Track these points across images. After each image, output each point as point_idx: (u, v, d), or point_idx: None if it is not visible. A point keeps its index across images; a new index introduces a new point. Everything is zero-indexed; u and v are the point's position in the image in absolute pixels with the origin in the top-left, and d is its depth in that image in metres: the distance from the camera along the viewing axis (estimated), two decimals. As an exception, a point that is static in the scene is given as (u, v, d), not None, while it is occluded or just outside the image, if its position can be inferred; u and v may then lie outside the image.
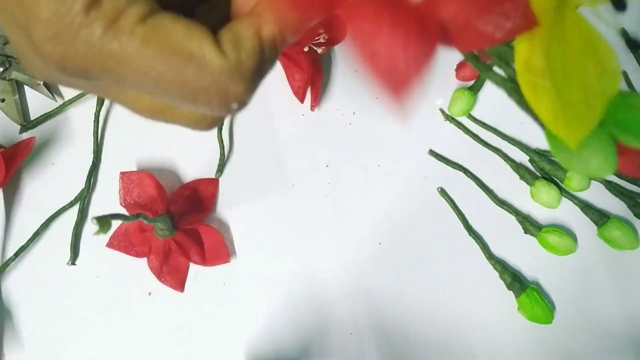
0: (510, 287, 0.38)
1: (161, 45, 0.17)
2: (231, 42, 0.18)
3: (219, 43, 0.18)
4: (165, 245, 0.38)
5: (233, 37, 0.18)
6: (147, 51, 0.17)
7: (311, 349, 0.38)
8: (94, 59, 0.17)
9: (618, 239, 0.38)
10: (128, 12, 0.17)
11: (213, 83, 0.18)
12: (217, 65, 0.17)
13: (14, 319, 0.40)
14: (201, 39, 0.17)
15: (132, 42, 0.17)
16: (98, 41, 0.17)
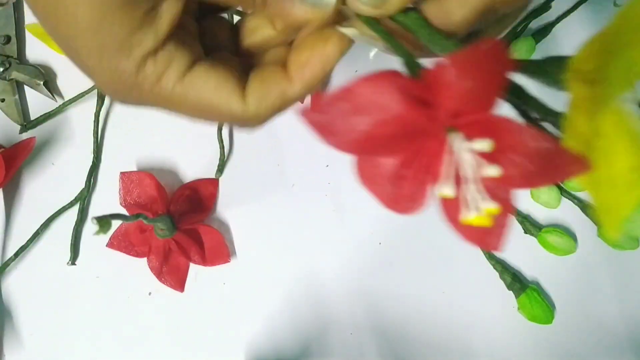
0: (510, 287, 0.38)
1: (195, 100, 0.21)
2: (257, 97, 0.21)
3: (246, 93, 0.21)
4: (165, 245, 0.38)
5: (261, 93, 0.21)
6: (186, 102, 0.21)
7: (311, 349, 0.38)
8: (146, 102, 0.22)
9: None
10: (171, 69, 0.20)
11: (232, 122, 0.22)
12: (237, 114, 0.21)
13: (14, 319, 0.40)
14: (229, 93, 0.21)
15: (174, 97, 0.21)
16: (147, 92, 0.21)
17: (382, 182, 0.18)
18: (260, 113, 0.21)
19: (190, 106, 0.21)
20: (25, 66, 0.42)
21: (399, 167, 0.18)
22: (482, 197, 0.17)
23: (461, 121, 0.16)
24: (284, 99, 0.22)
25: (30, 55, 0.44)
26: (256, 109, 0.21)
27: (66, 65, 0.43)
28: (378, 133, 0.16)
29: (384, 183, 0.18)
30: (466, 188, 0.17)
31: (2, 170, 0.38)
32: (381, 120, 0.16)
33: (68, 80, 0.43)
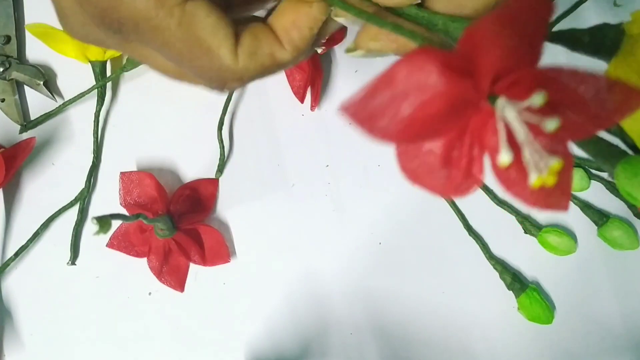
0: (510, 287, 0.38)
1: (189, 32, 0.20)
2: (247, 52, 0.21)
3: (237, 45, 0.21)
4: (165, 245, 0.38)
5: (251, 48, 0.21)
6: (177, 32, 0.20)
7: (311, 349, 0.38)
8: (133, 18, 0.20)
9: (618, 239, 0.38)
10: None
11: (218, 74, 0.21)
12: (226, 64, 0.21)
13: (14, 319, 0.40)
14: (223, 38, 0.20)
15: (168, 20, 0.20)
16: (140, 6, 0.19)
17: (431, 170, 0.18)
18: (248, 69, 0.21)
19: (181, 38, 0.20)
20: (25, 66, 0.42)
21: (447, 149, 0.17)
22: (542, 155, 0.16)
23: (505, 83, 0.16)
24: (273, 61, 0.21)
25: (30, 55, 0.44)
26: (245, 65, 0.21)
27: (66, 65, 0.43)
28: (423, 115, 0.16)
29: (433, 170, 0.18)
30: (524, 151, 0.16)
31: (2, 170, 0.38)
32: (425, 101, 0.16)
33: (68, 80, 0.43)
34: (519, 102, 0.16)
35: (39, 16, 0.42)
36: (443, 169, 0.18)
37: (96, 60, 0.41)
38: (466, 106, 0.16)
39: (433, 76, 0.15)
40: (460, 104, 0.16)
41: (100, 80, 0.41)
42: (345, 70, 0.42)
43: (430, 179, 0.18)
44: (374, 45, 0.21)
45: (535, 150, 0.16)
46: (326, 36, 0.23)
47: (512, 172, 0.17)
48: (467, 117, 0.17)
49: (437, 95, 0.15)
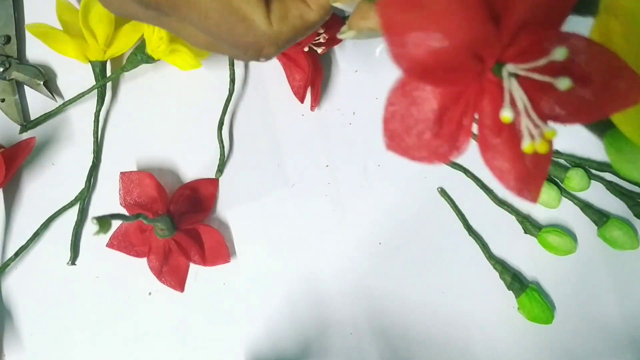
0: (510, 287, 0.38)
1: (224, 2, 0.21)
2: (278, 16, 0.22)
3: (269, 11, 0.22)
4: (165, 245, 0.38)
5: (281, 12, 0.22)
6: (212, 4, 0.21)
7: (311, 349, 0.38)
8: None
9: (618, 239, 0.38)
10: None
11: (254, 41, 0.22)
12: (261, 30, 0.22)
13: (14, 319, 0.40)
14: (256, 5, 0.22)
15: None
16: None
17: (416, 129, 0.18)
18: (282, 32, 0.22)
19: (216, 9, 0.21)
20: (25, 66, 0.42)
21: (441, 110, 0.18)
22: (538, 123, 0.17)
23: (523, 45, 0.16)
24: (303, 22, 0.23)
25: (30, 55, 0.44)
26: (279, 29, 0.22)
27: (66, 65, 0.43)
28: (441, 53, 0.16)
29: (419, 130, 0.18)
30: (522, 117, 0.17)
31: (2, 170, 0.38)
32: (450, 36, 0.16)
33: (68, 80, 0.43)
34: (530, 62, 0.16)
35: (39, 16, 0.42)
36: (429, 129, 0.18)
37: (96, 60, 0.41)
38: (472, 63, 0.17)
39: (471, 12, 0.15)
40: (469, 54, 0.16)
41: (100, 80, 0.41)
42: (345, 70, 0.42)
43: (412, 139, 0.18)
44: (364, 24, 0.22)
45: (532, 116, 0.17)
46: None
47: (495, 147, 0.18)
48: (468, 80, 0.17)
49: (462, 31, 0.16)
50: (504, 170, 0.18)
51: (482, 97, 0.17)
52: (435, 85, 0.17)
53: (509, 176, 0.18)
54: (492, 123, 0.17)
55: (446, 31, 0.16)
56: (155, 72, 0.43)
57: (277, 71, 0.41)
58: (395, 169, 0.40)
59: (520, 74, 0.16)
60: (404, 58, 0.16)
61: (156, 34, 0.38)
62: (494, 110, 0.17)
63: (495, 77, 0.17)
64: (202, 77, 0.42)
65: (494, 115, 0.17)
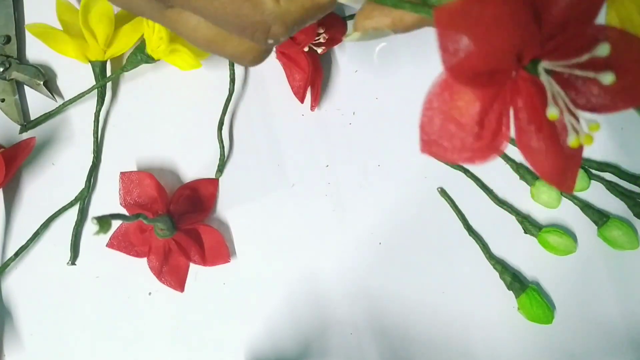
0: (510, 287, 0.38)
1: None
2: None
3: None
4: (165, 245, 0.38)
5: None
6: None
7: (311, 349, 0.38)
8: None
9: (618, 239, 0.38)
10: None
11: (261, 21, 0.22)
12: (269, 8, 0.21)
13: (14, 319, 0.40)
14: None
15: None
16: None
17: (456, 132, 0.18)
18: (290, 11, 0.22)
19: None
20: (25, 66, 0.42)
21: (482, 111, 0.18)
22: (580, 117, 0.17)
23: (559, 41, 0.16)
24: (313, 3, 0.22)
25: (30, 55, 0.44)
26: (287, 7, 0.22)
27: (66, 65, 0.43)
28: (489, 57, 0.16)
29: (459, 133, 0.18)
30: (564, 113, 0.17)
31: (2, 170, 0.38)
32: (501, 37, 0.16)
33: (68, 80, 0.43)
34: (569, 58, 0.16)
35: (39, 16, 0.42)
36: (471, 132, 0.18)
37: (96, 60, 0.41)
38: (512, 62, 0.17)
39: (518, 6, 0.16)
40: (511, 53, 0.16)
41: (100, 80, 0.41)
42: (345, 70, 0.42)
43: (453, 142, 0.18)
44: (369, 24, 0.22)
45: (573, 112, 0.17)
46: None
47: (534, 142, 0.18)
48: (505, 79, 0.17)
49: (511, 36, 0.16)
50: (545, 165, 0.18)
51: (518, 95, 0.18)
52: (479, 88, 0.18)
53: (550, 170, 0.18)
54: (530, 120, 0.18)
55: (496, 37, 0.16)
56: (155, 72, 0.43)
57: (277, 71, 0.41)
58: (395, 169, 0.40)
59: (559, 70, 0.17)
60: (456, 65, 0.16)
61: (156, 34, 0.38)
62: (531, 107, 0.17)
63: (528, 74, 0.17)
64: (202, 77, 0.42)
65: (532, 113, 0.18)
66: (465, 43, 0.16)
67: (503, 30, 0.16)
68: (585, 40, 0.16)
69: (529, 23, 0.16)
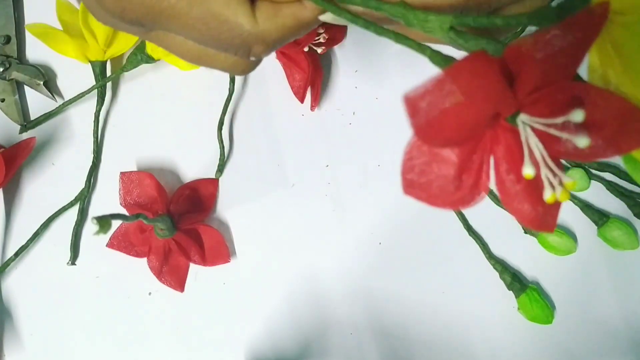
0: (510, 287, 0.38)
1: (203, 9, 0.21)
2: (266, 14, 0.22)
3: (254, 9, 0.21)
4: (165, 245, 0.38)
5: (270, 11, 0.22)
6: (192, 13, 0.21)
7: (311, 349, 0.38)
8: (148, 14, 0.22)
9: (618, 239, 0.38)
10: None
11: (241, 43, 0.22)
12: (246, 30, 0.21)
13: (14, 319, 0.40)
14: (237, 6, 0.21)
15: (180, 4, 0.21)
16: (150, 2, 0.21)
17: (437, 180, 0.18)
18: (270, 31, 0.22)
19: (197, 17, 0.21)
20: (25, 66, 0.42)
21: (461, 163, 0.18)
22: (557, 173, 0.17)
23: (541, 95, 0.16)
24: (296, 21, 0.22)
25: (30, 55, 0.44)
26: (266, 27, 0.22)
27: (66, 65, 0.43)
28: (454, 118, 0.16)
29: (440, 181, 0.18)
30: (541, 168, 0.17)
31: (2, 170, 0.38)
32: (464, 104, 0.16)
33: (68, 80, 0.43)
34: (548, 118, 0.17)
35: (39, 16, 0.42)
36: (450, 183, 0.18)
37: (96, 60, 0.41)
38: (488, 120, 0.17)
39: (490, 79, 0.16)
40: (486, 116, 0.17)
41: (100, 80, 0.41)
42: (345, 70, 0.42)
43: (433, 190, 0.19)
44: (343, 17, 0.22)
45: (551, 168, 0.17)
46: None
47: (514, 191, 0.18)
48: (483, 131, 0.18)
49: (479, 99, 0.16)
50: (524, 212, 0.18)
51: (498, 144, 0.18)
52: (454, 147, 0.18)
53: (530, 217, 0.18)
54: (509, 170, 0.18)
55: (470, 102, 0.16)
56: (155, 72, 0.43)
57: (277, 71, 0.41)
58: (395, 169, 0.40)
59: (535, 127, 0.17)
60: (425, 127, 0.17)
61: (156, 34, 0.38)
62: (510, 158, 0.18)
63: (508, 124, 0.17)
64: (202, 77, 0.42)
65: (511, 163, 0.18)
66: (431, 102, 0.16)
67: (477, 96, 0.16)
68: (565, 97, 0.16)
69: (503, 88, 0.16)
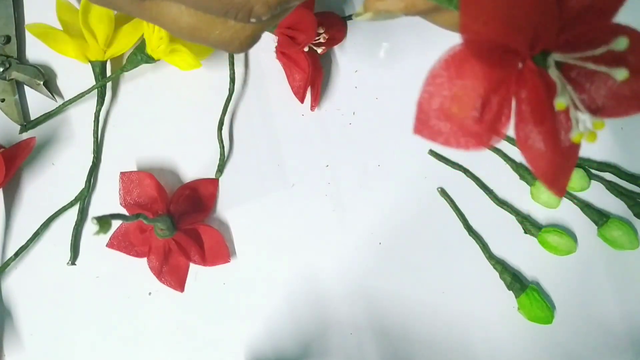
0: (510, 287, 0.38)
1: None
2: None
3: None
4: (165, 245, 0.38)
5: None
6: None
7: (311, 349, 0.38)
8: None
9: (618, 239, 0.38)
10: None
11: (243, 1, 0.21)
12: None
13: (14, 319, 0.40)
14: None
15: None
16: None
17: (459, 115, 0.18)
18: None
19: None
20: (25, 66, 0.42)
21: (485, 94, 0.17)
22: (586, 114, 0.17)
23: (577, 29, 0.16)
24: None
25: (30, 55, 0.44)
26: None
27: (66, 65, 0.43)
28: (499, 29, 0.16)
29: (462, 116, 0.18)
30: (570, 108, 0.17)
31: (2, 170, 0.38)
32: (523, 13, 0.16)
33: (68, 80, 0.43)
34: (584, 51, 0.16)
35: (39, 16, 0.42)
36: (471, 115, 0.18)
37: (96, 60, 0.41)
38: (513, 58, 0.17)
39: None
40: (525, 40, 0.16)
41: (100, 80, 0.41)
42: (345, 70, 0.42)
43: (450, 124, 0.18)
44: (381, 5, 0.21)
45: (579, 106, 0.17)
46: None
47: (533, 136, 0.18)
48: (512, 66, 0.17)
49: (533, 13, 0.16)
50: (540, 161, 0.18)
51: (523, 86, 0.17)
52: (487, 66, 0.17)
53: (545, 167, 0.18)
54: (532, 112, 0.17)
55: (518, 11, 0.16)
56: (155, 72, 0.43)
57: (277, 71, 0.41)
58: (395, 169, 0.40)
59: (571, 63, 0.17)
60: (474, 33, 0.16)
61: (156, 34, 0.38)
62: (535, 99, 0.17)
63: (536, 66, 0.17)
64: (202, 77, 0.42)
65: (535, 105, 0.17)
66: (486, 13, 0.16)
67: (525, 7, 0.16)
68: (601, 36, 0.16)
69: (550, 7, 0.16)
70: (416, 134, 0.18)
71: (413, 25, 0.41)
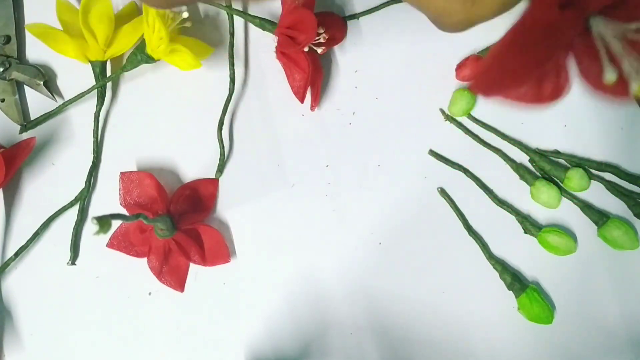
0: (510, 287, 0.38)
1: None
2: None
3: None
4: (165, 245, 0.38)
5: None
6: None
7: (311, 349, 0.38)
8: None
9: (618, 239, 0.38)
10: None
11: None
12: None
13: (14, 319, 0.40)
14: None
15: None
16: None
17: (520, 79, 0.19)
18: None
19: None
20: (25, 66, 0.42)
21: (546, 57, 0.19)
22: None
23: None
24: None
25: (30, 55, 0.44)
26: None
27: (66, 65, 0.43)
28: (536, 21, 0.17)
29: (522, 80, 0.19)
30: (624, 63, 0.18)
31: (2, 170, 0.38)
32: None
33: (68, 80, 0.43)
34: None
35: (39, 16, 0.42)
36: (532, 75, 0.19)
37: (96, 60, 0.41)
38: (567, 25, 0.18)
39: None
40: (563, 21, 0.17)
41: (100, 80, 0.41)
42: (345, 70, 0.42)
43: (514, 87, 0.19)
44: None
45: (634, 60, 0.18)
46: None
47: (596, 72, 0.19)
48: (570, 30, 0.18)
49: None
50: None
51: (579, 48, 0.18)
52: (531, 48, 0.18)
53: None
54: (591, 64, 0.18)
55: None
56: (155, 72, 0.43)
57: (277, 71, 0.41)
58: (395, 169, 0.40)
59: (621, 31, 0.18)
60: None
61: (156, 33, 0.38)
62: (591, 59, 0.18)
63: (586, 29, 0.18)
64: (202, 77, 0.42)
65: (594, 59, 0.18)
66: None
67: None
68: None
69: None
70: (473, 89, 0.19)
71: (413, 25, 0.41)
